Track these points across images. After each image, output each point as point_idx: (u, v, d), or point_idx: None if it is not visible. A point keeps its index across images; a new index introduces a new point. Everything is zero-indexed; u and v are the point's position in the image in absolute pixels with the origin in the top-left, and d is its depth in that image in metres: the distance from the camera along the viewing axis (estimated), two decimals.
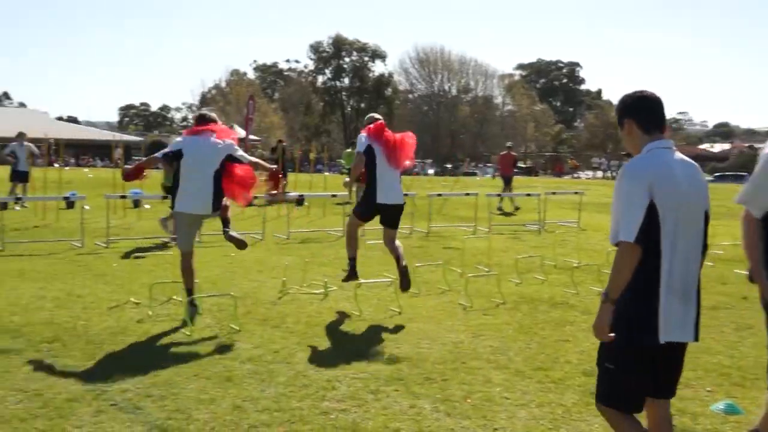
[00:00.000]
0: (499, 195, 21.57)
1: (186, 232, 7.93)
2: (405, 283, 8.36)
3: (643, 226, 3.52)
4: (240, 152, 7.80)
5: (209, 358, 6.40)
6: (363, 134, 8.32)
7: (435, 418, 5.18)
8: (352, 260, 8.58)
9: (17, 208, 18.51)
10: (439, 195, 19.08)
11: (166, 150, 7.82)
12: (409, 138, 8.43)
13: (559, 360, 6.61)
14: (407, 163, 8.39)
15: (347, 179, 9.01)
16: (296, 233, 15.14)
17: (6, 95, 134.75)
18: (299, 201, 20.94)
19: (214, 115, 8.19)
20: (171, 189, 7.89)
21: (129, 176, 8.01)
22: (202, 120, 7.99)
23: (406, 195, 9.09)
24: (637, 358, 3.65)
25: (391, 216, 8.46)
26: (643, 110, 3.78)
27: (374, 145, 8.18)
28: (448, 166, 75.15)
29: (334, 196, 19.87)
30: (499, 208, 21.67)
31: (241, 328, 7.38)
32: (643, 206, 3.53)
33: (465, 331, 7.55)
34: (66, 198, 16.31)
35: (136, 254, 11.70)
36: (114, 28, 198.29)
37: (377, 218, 8.65)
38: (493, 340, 7.21)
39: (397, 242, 8.54)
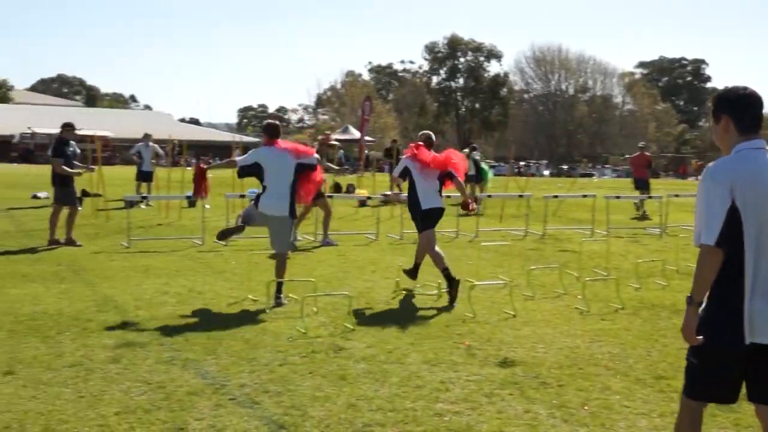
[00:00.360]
0: (636, 199, 20.27)
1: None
2: (452, 293, 8.84)
3: (726, 229, 3.48)
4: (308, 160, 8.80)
5: (324, 356, 6.50)
6: (403, 158, 9.56)
7: (551, 425, 5.09)
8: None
9: (143, 206, 19.30)
10: (555, 197, 18.75)
11: (242, 164, 8.69)
12: (446, 156, 9.44)
13: (681, 369, 6.35)
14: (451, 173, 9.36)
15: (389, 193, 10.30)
16: (410, 233, 15.18)
17: (133, 98, 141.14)
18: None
19: (277, 123, 9.12)
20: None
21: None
22: (271, 129, 8.86)
23: (521, 196, 9.17)
24: (719, 360, 3.63)
25: (435, 218, 9.32)
26: (744, 109, 3.69)
27: (410, 166, 9.28)
28: (564, 167, 73.86)
29: (447, 197, 19.82)
30: (640, 213, 20.65)
31: (355, 327, 7.46)
32: (724, 209, 3.49)
33: (582, 336, 7.39)
34: (188, 197, 16.91)
35: (254, 252, 11.99)
36: (235, 30, 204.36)
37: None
38: (611, 346, 7.02)
39: (437, 248, 9.15)
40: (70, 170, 12.65)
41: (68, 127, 12.87)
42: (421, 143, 9.51)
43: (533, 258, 12.49)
